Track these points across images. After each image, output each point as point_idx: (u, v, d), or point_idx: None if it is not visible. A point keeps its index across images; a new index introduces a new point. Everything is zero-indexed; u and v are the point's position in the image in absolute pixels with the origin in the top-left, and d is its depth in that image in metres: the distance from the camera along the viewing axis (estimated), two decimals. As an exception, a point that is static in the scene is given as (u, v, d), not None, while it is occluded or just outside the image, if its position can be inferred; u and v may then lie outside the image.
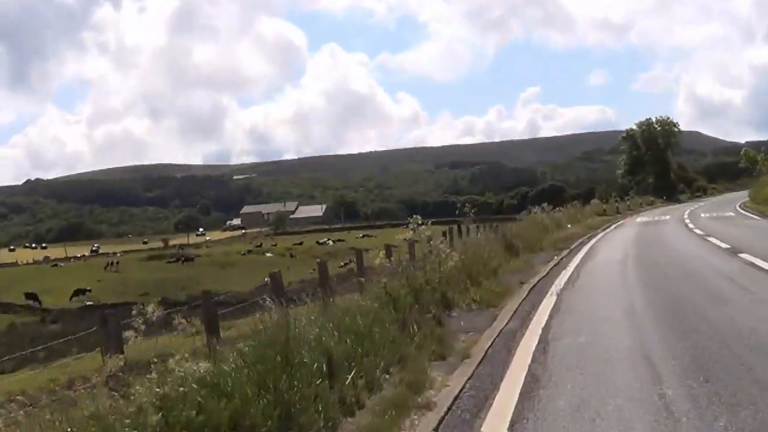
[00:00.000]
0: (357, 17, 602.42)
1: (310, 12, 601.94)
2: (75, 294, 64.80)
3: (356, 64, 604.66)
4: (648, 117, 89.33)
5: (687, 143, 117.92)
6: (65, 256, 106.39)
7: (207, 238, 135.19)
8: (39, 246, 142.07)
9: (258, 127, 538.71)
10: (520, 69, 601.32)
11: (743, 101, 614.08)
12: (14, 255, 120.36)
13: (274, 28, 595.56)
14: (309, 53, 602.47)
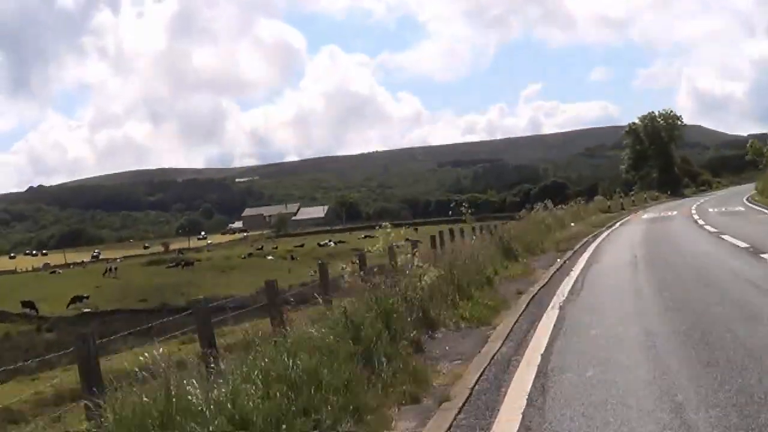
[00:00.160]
0: (356, 18, 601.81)
1: (309, 13, 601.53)
2: (72, 301, 63.94)
3: (356, 65, 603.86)
4: (651, 111, 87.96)
5: (689, 137, 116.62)
6: (64, 263, 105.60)
7: (208, 242, 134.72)
8: (40, 253, 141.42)
9: (259, 130, 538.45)
10: (521, 66, 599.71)
11: (745, 94, 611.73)
12: (14, 262, 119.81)
13: (274, 31, 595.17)
14: (309, 55, 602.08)
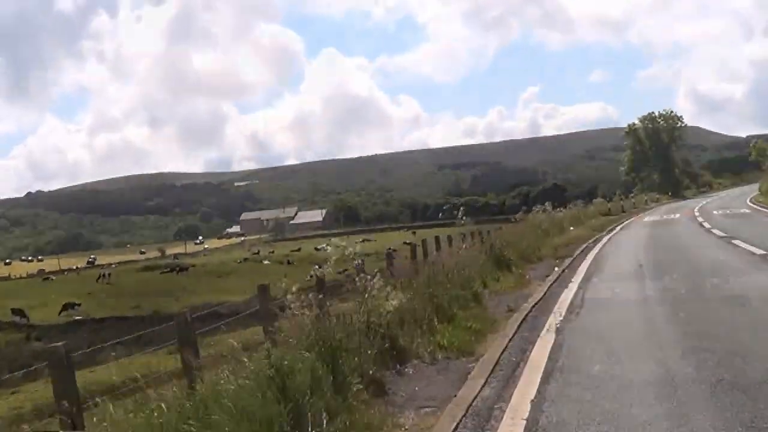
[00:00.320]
0: (355, 20, 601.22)
1: (308, 17, 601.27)
2: (64, 308, 62.99)
3: (355, 68, 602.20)
4: (651, 111, 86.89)
5: (688, 138, 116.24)
6: (59, 269, 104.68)
7: (205, 247, 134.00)
8: (35, 259, 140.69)
9: (258, 134, 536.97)
10: (520, 68, 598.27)
11: (743, 96, 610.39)
12: (9, 268, 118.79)
13: (272, 34, 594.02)
14: (308, 58, 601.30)
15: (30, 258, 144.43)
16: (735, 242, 16.43)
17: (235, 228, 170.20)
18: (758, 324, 7.68)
